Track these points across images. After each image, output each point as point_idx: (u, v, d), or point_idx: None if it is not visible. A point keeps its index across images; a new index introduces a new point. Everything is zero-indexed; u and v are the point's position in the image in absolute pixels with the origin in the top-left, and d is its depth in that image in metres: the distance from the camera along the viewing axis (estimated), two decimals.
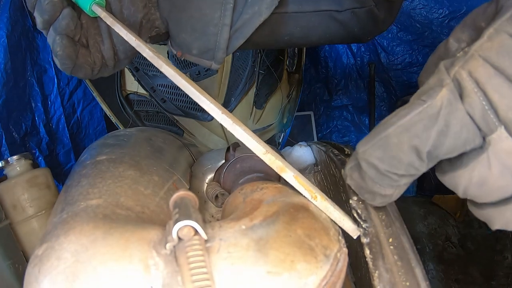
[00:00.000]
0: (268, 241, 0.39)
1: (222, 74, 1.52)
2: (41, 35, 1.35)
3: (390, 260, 0.46)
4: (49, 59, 1.38)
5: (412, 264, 0.46)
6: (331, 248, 0.43)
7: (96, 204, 0.50)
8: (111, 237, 0.40)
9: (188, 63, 1.49)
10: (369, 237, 0.50)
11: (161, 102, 1.56)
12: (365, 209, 0.55)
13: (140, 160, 0.67)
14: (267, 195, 0.49)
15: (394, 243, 0.48)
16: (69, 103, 1.49)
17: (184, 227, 0.35)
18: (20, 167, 0.85)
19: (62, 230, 0.45)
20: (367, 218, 0.53)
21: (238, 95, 1.50)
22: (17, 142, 1.20)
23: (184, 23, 0.68)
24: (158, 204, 0.57)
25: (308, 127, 2.20)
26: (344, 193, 0.60)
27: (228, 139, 1.56)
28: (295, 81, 1.51)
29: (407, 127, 0.33)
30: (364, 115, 2.28)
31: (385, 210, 0.55)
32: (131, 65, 1.52)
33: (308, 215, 0.45)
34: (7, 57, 1.16)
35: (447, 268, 1.60)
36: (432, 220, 1.87)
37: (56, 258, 0.41)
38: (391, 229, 0.51)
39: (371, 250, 0.48)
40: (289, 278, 0.37)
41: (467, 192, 0.34)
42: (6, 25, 1.16)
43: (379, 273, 0.45)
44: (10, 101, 1.18)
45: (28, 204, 0.82)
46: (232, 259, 0.37)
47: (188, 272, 0.33)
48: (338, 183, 0.66)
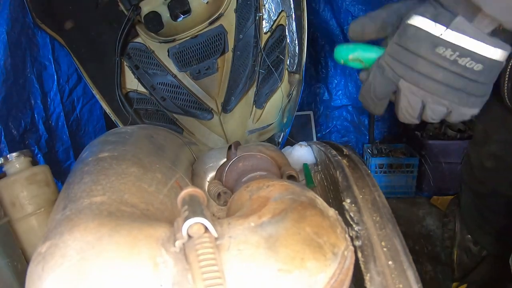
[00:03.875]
0: (278, 238, 0.38)
1: (223, 73, 1.52)
2: (41, 32, 1.34)
3: (382, 263, 0.46)
4: (49, 56, 1.37)
5: (404, 266, 0.46)
6: (338, 246, 0.43)
7: (100, 201, 0.49)
8: (118, 234, 0.39)
9: (188, 62, 1.49)
10: (361, 240, 0.50)
11: (161, 101, 1.55)
12: (358, 212, 0.55)
13: (142, 158, 0.66)
14: (274, 192, 0.49)
15: (387, 246, 0.48)
16: (69, 101, 1.48)
17: (194, 224, 0.34)
18: (19, 164, 0.84)
19: (66, 227, 0.44)
20: (359, 221, 0.53)
21: (238, 94, 1.49)
22: (16, 139, 1.19)
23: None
24: (162, 201, 0.57)
25: (307, 127, 2.19)
26: (342, 194, 0.60)
27: (228, 138, 1.56)
28: (296, 81, 1.50)
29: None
30: (363, 116, 2.28)
31: (378, 212, 0.55)
32: (131, 63, 1.51)
33: (316, 212, 0.45)
34: (6, 54, 1.15)
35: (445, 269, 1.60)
36: (430, 221, 1.88)
37: (61, 256, 0.40)
38: (384, 231, 0.51)
39: (363, 253, 0.48)
40: (299, 276, 0.37)
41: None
42: (6, 21, 1.16)
43: (370, 276, 0.45)
44: (9, 98, 1.17)
45: (27, 201, 0.81)
46: (242, 256, 0.36)
47: (199, 270, 0.33)
48: (337, 183, 0.65)
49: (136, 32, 1.48)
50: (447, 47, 0.51)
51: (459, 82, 0.53)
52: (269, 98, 1.44)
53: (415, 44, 0.53)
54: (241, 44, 1.43)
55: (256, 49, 1.39)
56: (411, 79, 0.56)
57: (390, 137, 2.33)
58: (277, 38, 1.36)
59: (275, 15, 1.33)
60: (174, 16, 1.43)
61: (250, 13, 1.36)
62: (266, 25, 1.35)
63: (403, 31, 0.55)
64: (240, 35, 1.41)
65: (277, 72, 1.39)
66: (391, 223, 0.52)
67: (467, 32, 0.50)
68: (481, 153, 1.07)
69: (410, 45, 0.54)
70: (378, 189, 0.60)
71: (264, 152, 0.82)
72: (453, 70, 0.52)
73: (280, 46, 1.36)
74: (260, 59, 1.39)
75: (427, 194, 2.06)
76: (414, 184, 2.07)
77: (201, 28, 1.42)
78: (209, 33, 1.43)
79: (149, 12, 1.43)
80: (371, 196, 0.58)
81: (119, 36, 1.40)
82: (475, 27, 0.49)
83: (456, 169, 1.96)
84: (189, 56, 1.47)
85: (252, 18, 1.36)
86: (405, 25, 0.54)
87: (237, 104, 1.51)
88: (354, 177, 0.64)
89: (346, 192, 0.60)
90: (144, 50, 1.50)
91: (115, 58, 1.43)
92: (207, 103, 1.55)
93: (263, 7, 1.33)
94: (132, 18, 1.40)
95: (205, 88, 1.54)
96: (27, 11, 1.27)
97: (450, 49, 0.51)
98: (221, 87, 1.53)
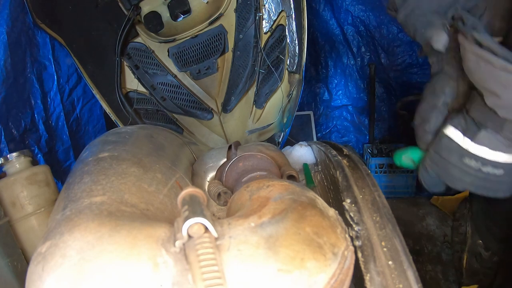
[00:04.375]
0: (277, 238, 0.38)
1: (223, 73, 1.52)
2: (41, 32, 1.34)
3: (382, 263, 0.46)
4: (49, 56, 1.37)
5: (405, 266, 0.46)
6: (339, 246, 0.43)
7: (100, 201, 0.49)
8: (118, 234, 0.39)
9: (188, 62, 1.49)
10: (361, 240, 0.50)
11: (161, 100, 1.55)
12: (358, 212, 0.55)
13: (142, 158, 0.66)
14: (274, 192, 0.48)
15: (387, 246, 0.49)
16: (69, 101, 1.48)
17: (194, 224, 0.34)
18: (19, 164, 0.84)
19: (66, 227, 0.44)
20: (359, 221, 0.53)
21: (238, 94, 1.49)
22: (16, 139, 1.19)
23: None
24: (162, 201, 0.57)
25: (307, 127, 2.19)
26: (342, 194, 0.60)
27: (228, 138, 1.56)
28: (296, 81, 1.50)
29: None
30: (363, 115, 2.28)
31: (378, 212, 0.55)
32: (131, 63, 1.51)
33: (316, 212, 0.45)
34: (7, 53, 1.15)
35: (445, 269, 1.60)
36: (430, 221, 1.88)
37: (61, 256, 0.40)
38: (384, 231, 0.51)
39: (363, 253, 0.49)
40: (299, 276, 0.37)
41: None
42: (6, 21, 1.16)
43: (371, 276, 0.45)
44: (9, 98, 1.17)
45: (27, 201, 0.81)
46: (242, 256, 0.36)
47: (199, 270, 0.32)
48: (337, 183, 0.66)
49: (136, 32, 1.48)
50: (471, 158, 0.61)
51: (485, 184, 0.63)
52: (269, 98, 1.44)
53: (447, 154, 0.64)
54: (241, 44, 1.43)
55: (256, 49, 1.39)
56: (447, 180, 0.67)
57: (390, 137, 2.33)
58: (277, 38, 1.36)
59: (275, 15, 1.33)
60: (174, 16, 1.43)
61: (250, 13, 1.36)
62: (266, 25, 1.35)
63: (439, 140, 0.65)
64: (240, 35, 1.41)
65: (277, 72, 1.39)
66: (391, 223, 0.52)
67: (489, 145, 0.59)
68: None
69: (443, 154, 0.65)
70: (378, 189, 0.60)
71: (264, 152, 0.81)
72: (478, 176, 0.62)
73: (280, 46, 1.36)
74: (260, 59, 1.39)
75: (427, 194, 2.06)
76: (414, 184, 2.07)
77: (201, 28, 1.42)
78: (209, 33, 1.43)
79: (149, 12, 1.43)
80: (371, 196, 0.58)
81: (119, 36, 1.40)
82: (502, 136, 0.58)
83: None
84: (189, 56, 1.47)
85: (252, 18, 1.36)
86: (441, 135, 0.65)
87: (237, 104, 1.51)
88: (354, 177, 0.64)
89: (346, 192, 0.60)
90: (144, 50, 1.50)
91: (115, 58, 1.43)
92: (207, 103, 1.55)
93: (263, 7, 1.33)
94: (132, 18, 1.40)
95: (205, 88, 1.54)
96: (27, 11, 1.27)
97: (474, 160, 0.61)
98: (221, 87, 1.53)
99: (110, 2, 1.41)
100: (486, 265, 1.29)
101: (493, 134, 0.58)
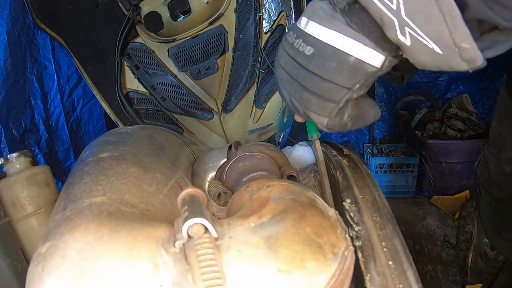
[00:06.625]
0: (277, 239, 0.38)
1: (223, 73, 1.52)
2: (41, 32, 1.34)
3: (382, 263, 0.46)
4: (49, 56, 1.37)
5: (405, 266, 0.46)
6: (339, 246, 0.43)
7: (100, 201, 0.49)
8: (118, 235, 0.39)
9: (188, 62, 1.49)
10: (361, 240, 0.50)
11: (161, 101, 1.55)
12: (358, 212, 0.55)
13: (142, 158, 0.66)
14: (274, 192, 0.48)
15: (387, 246, 0.49)
16: (69, 101, 1.48)
17: (194, 224, 0.34)
18: (19, 165, 0.84)
19: (66, 228, 0.44)
20: (359, 221, 0.53)
21: (239, 94, 1.49)
22: (16, 139, 1.19)
23: None
24: (162, 201, 0.57)
25: None
26: (343, 194, 0.60)
27: (228, 138, 1.56)
28: None
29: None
30: None
31: (378, 212, 0.55)
32: (131, 63, 1.51)
33: (316, 213, 0.45)
34: (7, 54, 1.15)
35: (445, 269, 1.60)
36: (431, 221, 1.88)
37: (61, 256, 0.40)
38: (384, 231, 0.51)
39: (363, 253, 0.49)
40: (300, 276, 0.37)
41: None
42: (6, 21, 1.16)
43: (371, 276, 0.45)
44: (9, 98, 1.17)
45: (27, 201, 0.81)
46: (242, 257, 0.36)
47: (199, 271, 0.33)
48: (337, 183, 0.66)
49: (136, 32, 1.48)
50: (294, 32, 0.48)
51: (292, 69, 0.48)
52: (269, 98, 1.44)
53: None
54: (241, 44, 1.43)
55: (256, 49, 1.39)
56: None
57: (390, 137, 2.33)
58: (277, 38, 1.36)
59: (275, 15, 1.33)
60: (174, 16, 1.43)
61: (250, 13, 1.36)
62: (266, 25, 1.35)
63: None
64: (240, 35, 1.41)
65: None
66: (391, 223, 0.52)
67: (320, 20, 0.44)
68: (500, 158, 1.06)
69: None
70: (378, 189, 0.60)
71: (264, 152, 0.81)
72: (290, 54, 0.48)
73: None
74: (260, 59, 1.39)
75: (427, 194, 2.06)
76: (414, 184, 2.07)
77: (201, 28, 1.42)
78: (209, 33, 1.43)
79: (149, 12, 1.44)
80: (371, 196, 0.58)
81: (119, 36, 1.40)
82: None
83: (456, 168, 1.96)
84: (189, 56, 1.47)
85: (252, 18, 1.36)
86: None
87: (237, 104, 1.51)
88: (354, 177, 0.64)
89: (346, 192, 0.60)
90: (144, 50, 1.50)
91: (115, 58, 1.44)
92: (207, 103, 1.55)
93: (263, 7, 1.33)
94: (132, 18, 1.40)
95: (205, 88, 1.54)
96: (27, 11, 1.27)
97: (295, 33, 0.47)
98: (221, 87, 1.53)
99: (110, 2, 1.41)
100: (491, 264, 1.29)
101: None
